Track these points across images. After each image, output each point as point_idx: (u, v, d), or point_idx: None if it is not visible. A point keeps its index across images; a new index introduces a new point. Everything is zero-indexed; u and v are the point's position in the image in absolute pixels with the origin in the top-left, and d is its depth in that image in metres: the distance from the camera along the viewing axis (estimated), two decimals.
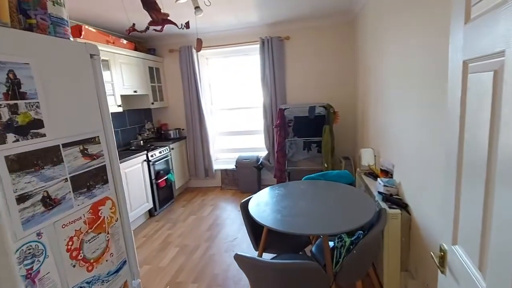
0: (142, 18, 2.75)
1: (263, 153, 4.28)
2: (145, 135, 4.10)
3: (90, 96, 1.24)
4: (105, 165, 1.29)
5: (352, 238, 1.56)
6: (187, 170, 4.42)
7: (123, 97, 3.74)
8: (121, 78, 3.32)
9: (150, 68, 3.97)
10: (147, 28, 1.72)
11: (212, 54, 4.28)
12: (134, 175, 3.13)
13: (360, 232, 1.57)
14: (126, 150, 3.51)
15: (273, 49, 3.77)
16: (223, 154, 4.65)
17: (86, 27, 2.88)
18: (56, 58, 1.09)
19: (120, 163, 2.88)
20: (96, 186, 1.24)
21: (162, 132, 4.28)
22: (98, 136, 1.26)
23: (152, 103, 3.94)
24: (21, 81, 0.95)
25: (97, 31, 3.06)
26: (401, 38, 1.87)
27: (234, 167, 4.09)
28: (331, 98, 3.84)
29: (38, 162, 1.00)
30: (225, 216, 3.37)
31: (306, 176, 2.34)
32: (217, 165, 4.49)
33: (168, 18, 1.71)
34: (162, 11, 1.66)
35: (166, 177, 3.66)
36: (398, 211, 1.69)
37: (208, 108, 4.44)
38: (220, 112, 4.52)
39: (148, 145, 3.72)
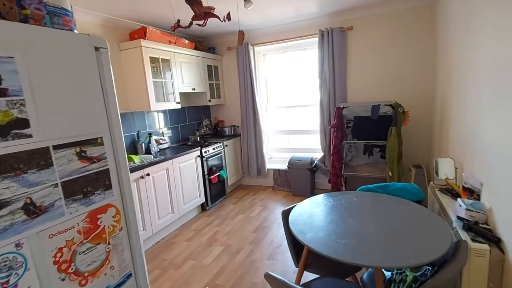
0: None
1: (318, 155, 4.00)
2: (202, 131, 4.25)
3: (92, 93, 1.14)
4: (108, 169, 1.18)
5: (417, 274, 1.24)
6: (240, 168, 4.43)
7: (183, 94, 3.93)
8: (181, 76, 3.47)
9: (209, 66, 4.07)
10: (191, 23, 1.69)
11: (268, 50, 4.16)
12: (187, 169, 3.24)
13: (428, 268, 1.24)
14: (184, 145, 3.68)
15: (334, 42, 3.44)
16: (277, 154, 4.52)
17: (150, 28, 3.07)
18: (51, 51, 1.00)
19: (174, 158, 3.02)
20: (96, 193, 1.14)
21: (218, 128, 4.37)
22: (101, 137, 1.16)
23: (209, 100, 4.04)
24: (1, 77, 0.86)
25: (161, 32, 3.25)
26: (501, 19, 1.42)
27: (287, 167, 3.91)
28: (400, 95, 3.32)
29: (19, 165, 0.91)
30: (273, 219, 3.24)
31: (362, 187, 2.02)
32: (270, 165, 4.38)
33: (211, 11, 1.65)
34: (205, 4, 1.61)
35: (218, 173, 3.72)
36: (486, 246, 1.28)
37: (264, 105, 4.35)
38: (276, 110, 4.39)
39: (202, 141, 3.83)
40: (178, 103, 3.41)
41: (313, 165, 3.75)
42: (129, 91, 3.10)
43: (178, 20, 1.78)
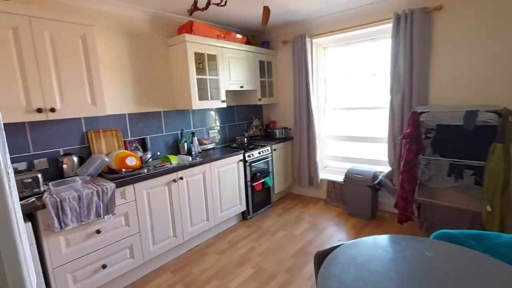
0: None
1: (384, 169, 3.27)
2: (251, 132, 3.96)
3: None
4: None
5: None
6: (290, 175, 3.99)
7: (231, 92, 3.69)
8: (228, 73, 3.23)
9: (261, 62, 3.74)
10: (208, 3, 1.37)
11: (329, 42, 3.59)
12: (227, 175, 2.98)
13: None
14: (228, 147, 3.44)
15: (413, 27, 2.69)
16: (334, 163, 3.93)
17: (198, 22, 2.89)
18: None
19: (213, 161, 2.78)
20: None
21: (269, 130, 4.02)
22: None
23: (259, 99, 3.72)
24: None
25: (209, 26, 3.05)
26: None
27: (343, 180, 3.31)
28: (510, 99, 2.39)
29: None
30: (320, 242, 2.73)
31: (441, 231, 1.39)
32: (324, 174, 3.82)
33: None
34: None
35: (263, 180, 3.37)
36: None
37: (321, 106, 3.81)
38: (335, 112, 3.79)
39: (246, 144, 3.51)
40: (224, 101, 3.17)
41: (376, 182, 3.06)
42: (174, 89, 3.00)
43: (195, 2, 1.48)
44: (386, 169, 3.24)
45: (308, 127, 3.70)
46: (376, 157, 3.44)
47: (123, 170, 2.27)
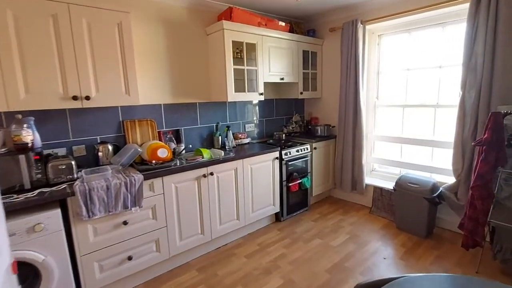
0: None
1: (446, 179, 2.76)
2: (291, 128, 3.69)
3: None
4: None
5: None
6: (331, 177, 3.65)
7: (270, 84, 3.46)
8: (268, 63, 3.00)
9: (305, 52, 3.43)
10: None
11: (385, 29, 3.12)
12: (261, 172, 2.79)
13: None
14: (264, 143, 3.24)
15: (499, 6, 2.15)
16: (382, 167, 3.48)
17: (238, 8, 2.70)
18: None
19: (246, 158, 2.61)
20: None
21: (310, 127, 3.71)
22: None
23: (301, 93, 3.42)
24: None
25: (249, 13, 2.84)
26: None
27: (393, 188, 2.88)
28: None
29: None
30: (361, 258, 2.39)
31: None
32: (370, 179, 3.41)
33: None
34: None
35: (300, 180, 3.10)
36: None
37: (371, 103, 3.37)
38: (388, 109, 3.32)
39: (284, 140, 3.26)
40: (261, 94, 2.96)
41: (435, 194, 2.59)
42: (211, 80, 2.88)
43: None
44: (449, 179, 2.74)
45: (355, 126, 3.31)
46: (436, 165, 2.92)
47: (153, 162, 2.21)
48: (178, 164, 2.27)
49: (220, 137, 2.94)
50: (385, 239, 2.68)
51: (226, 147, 2.88)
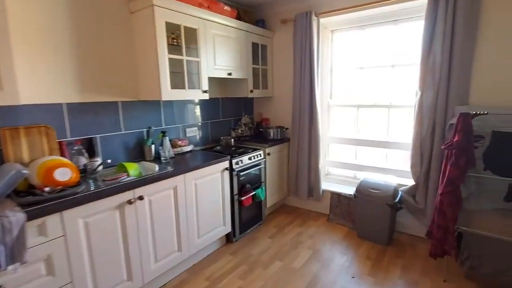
0: None
1: (401, 181, 2.67)
2: (240, 131, 3.24)
3: None
4: None
5: None
6: (285, 184, 3.32)
7: (216, 80, 2.95)
8: (213, 54, 2.48)
9: (255, 45, 3.01)
10: None
11: (339, 24, 2.91)
12: (208, 188, 2.26)
13: None
14: (210, 150, 2.71)
15: (457, 3, 2.06)
16: (337, 170, 3.29)
17: None
18: None
19: (190, 171, 2.05)
20: None
21: (261, 129, 3.31)
22: None
23: (251, 91, 2.99)
24: None
25: None
26: None
27: (353, 195, 2.67)
28: None
29: None
30: (328, 281, 2.07)
31: None
32: (327, 184, 3.18)
33: None
34: None
35: (253, 192, 2.67)
36: None
37: (325, 103, 3.14)
38: (341, 109, 3.14)
39: (233, 147, 2.78)
40: (206, 92, 2.43)
41: (397, 199, 2.44)
42: (138, 73, 2.22)
43: None
44: (403, 181, 2.66)
45: (310, 127, 3.03)
46: (393, 166, 2.83)
47: (47, 188, 1.50)
48: (89, 189, 1.60)
49: (153, 145, 2.31)
50: (349, 251, 2.45)
51: (162, 158, 2.27)
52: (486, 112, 1.75)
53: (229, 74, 2.68)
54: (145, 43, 2.10)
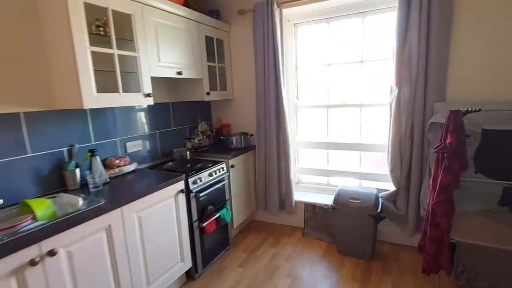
0: None
1: (381, 185, 2.46)
2: (197, 141, 2.75)
3: None
4: None
5: None
6: (253, 197, 2.92)
7: (165, 81, 2.44)
8: (156, 49, 1.98)
9: (209, 40, 2.56)
10: None
11: (303, 16, 2.61)
12: (158, 219, 1.76)
13: None
14: (160, 168, 2.18)
15: None
16: (308, 177, 2.99)
17: None
18: None
19: (130, 202, 1.53)
20: None
21: (222, 137, 2.86)
22: None
23: (207, 94, 2.53)
24: None
25: None
26: None
27: (331, 206, 2.37)
28: None
29: None
30: None
31: None
32: (299, 194, 2.85)
33: None
34: None
35: (217, 215, 2.22)
36: None
37: (292, 103, 2.82)
38: (310, 111, 2.85)
39: (189, 162, 2.28)
40: (149, 95, 1.91)
41: (379, 209, 2.19)
42: (53, 73, 1.63)
43: None
44: (382, 185, 2.45)
45: (278, 132, 2.67)
46: (369, 170, 2.60)
47: None
48: None
49: (77, 170, 1.72)
50: (331, 272, 2.13)
51: (91, 186, 1.69)
52: (479, 108, 1.55)
53: (179, 73, 2.19)
54: (56, 32, 1.53)
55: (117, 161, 1.97)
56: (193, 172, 2.04)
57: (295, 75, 2.81)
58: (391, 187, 2.38)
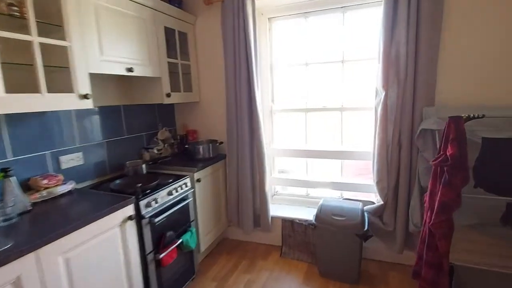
0: None
1: (364, 195, 2.24)
2: (156, 150, 2.35)
3: None
4: None
5: None
6: (223, 214, 2.57)
7: (111, 79, 2.02)
8: (97, 38, 1.57)
9: (170, 32, 2.18)
10: None
11: (278, 10, 2.33)
12: (95, 258, 1.34)
13: None
14: (105, 186, 1.76)
15: None
16: (287, 189, 2.70)
17: None
18: None
19: (51, 242, 1.10)
20: None
21: (187, 146, 2.47)
22: None
23: (168, 95, 2.15)
24: None
25: None
26: None
27: (312, 224, 2.09)
28: None
29: None
30: None
31: None
32: (275, 208, 2.55)
33: None
34: None
35: (179, 241, 1.84)
36: None
37: (267, 107, 2.52)
38: (287, 115, 2.57)
39: (144, 177, 1.85)
40: (86, 97, 1.50)
41: (367, 227, 1.94)
42: None
43: None
44: (365, 196, 2.23)
45: (252, 139, 2.35)
46: (348, 180, 2.37)
47: None
48: None
49: None
50: None
51: (1, 218, 1.24)
52: (482, 114, 1.35)
53: (130, 70, 1.79)
54: None
55: (45, 181, 1.52)
56: (147, 192, 1.65)
57: (270, 76, 2.51)
58: (375, 198, 2.16)
